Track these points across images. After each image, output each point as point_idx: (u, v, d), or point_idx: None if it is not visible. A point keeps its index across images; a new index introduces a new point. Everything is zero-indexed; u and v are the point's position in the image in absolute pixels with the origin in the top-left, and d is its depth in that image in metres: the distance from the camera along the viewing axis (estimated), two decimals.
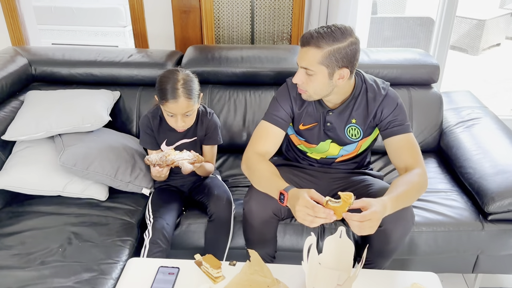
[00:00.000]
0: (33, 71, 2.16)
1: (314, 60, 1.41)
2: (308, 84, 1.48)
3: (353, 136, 1.62)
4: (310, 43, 1.41)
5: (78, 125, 1.86)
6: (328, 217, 1.25)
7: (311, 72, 1.44)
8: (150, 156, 1.61)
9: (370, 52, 2.22)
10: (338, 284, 1.37)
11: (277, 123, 1.60)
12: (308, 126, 1.64)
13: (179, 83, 1.60)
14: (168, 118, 1.67)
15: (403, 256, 1.77)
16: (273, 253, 1.68)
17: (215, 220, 1.68)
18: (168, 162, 1.58)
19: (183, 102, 1.60)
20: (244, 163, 1.58)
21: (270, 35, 2.62)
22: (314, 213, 1.25)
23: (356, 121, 1.60)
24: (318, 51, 1.40)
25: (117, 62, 2.16)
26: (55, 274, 1.44)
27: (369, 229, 1.25)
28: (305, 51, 1.43)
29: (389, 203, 1.31)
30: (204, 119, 1.79)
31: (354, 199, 1.26)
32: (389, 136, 1.55)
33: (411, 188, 1.40)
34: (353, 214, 1.24)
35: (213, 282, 1.37)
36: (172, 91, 1.59)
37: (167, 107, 1.61)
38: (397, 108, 1.55)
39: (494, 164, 1.81)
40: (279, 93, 1.64)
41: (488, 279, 1.98)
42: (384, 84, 1.60)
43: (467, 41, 5.12)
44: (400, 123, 1.54)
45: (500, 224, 1.72)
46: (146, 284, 1.35)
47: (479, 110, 2.23)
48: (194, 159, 1.61)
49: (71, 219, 1.69)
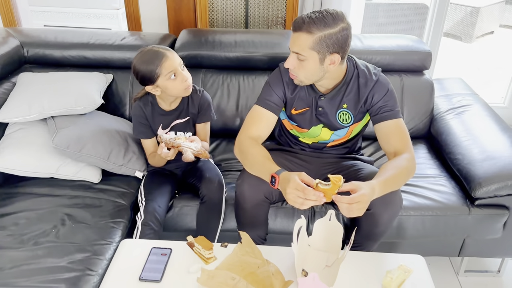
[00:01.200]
0: (25, 53, 2.15)
1: (305, 46, 1.42)
2: (299, 69, 1.49)
3: (344, 121, 1.64)
4: (302, 28, 1.41)
5: (71, 108, 1.86)
6: (318, 199, 1.28)
7: (302, 57, 1.45)
8: (164, 135, 1.62)
9: (364, 38, 2.23)
10: (327, 265, 1.41)
11: (269, 107, 1.61)
12: (300, 111, 1.66)
13: (153, 48, 1.63)
14: (173, 84, 1.62)
15: (391, 239, 1.81)
16: (264, 236, 1.71)
17: (206, 202, 1.70)
18: (174, 144, 1.60)
19: (172, 54, 1.62)
20: (237, 147, 1.59)
21: (264, 20, 2.62)
22: (304, 195, 1.28)
23: (347, 106, 1.61)
24: (309, 37, 1.41)
25: (110, 45, 2.15)
26: (48, 254, 1.46)
27: (358, 211, 1.28)
28: (296, 36, 1.44)
29: (378, 186, 1.34)
30: (195, 97, 1.79)
31: (343, 182, 1.29)
32: (379, 122, 1.57)
33: (399, 173, 1.43)
34: (342, 197, 1.27)
35: (205, 263, 1.40)
36: (156, 54, 1.60)
37: (165, 69, 1.59)
38: (387, 94, 1.57)
39: (482, 150, 1.84)
40: (272, 78, 1.65)
41: (474, 263, 2.03)
42: (376, 69, 1.61)
43: (461, 28, 5.12)
44: (390, 109, 1.56)
45: (486, 209, 1.76)
46: (139, 265, 1.38)
47: (470, 97, 2.25)
48: (200, 152, 1.63)
49: (64, 200, 1.71)
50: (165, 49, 1.63)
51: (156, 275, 1.34)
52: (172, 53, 1.63)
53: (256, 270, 1.32)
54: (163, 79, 1.62)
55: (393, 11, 3.36)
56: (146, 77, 1.61)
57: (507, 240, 1.83)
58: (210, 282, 1.27)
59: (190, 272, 1.36)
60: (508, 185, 1.69)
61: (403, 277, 1.33)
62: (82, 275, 1.39)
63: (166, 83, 1.63)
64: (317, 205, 1.33)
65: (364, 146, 2.12)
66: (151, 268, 1.36)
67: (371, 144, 2.15)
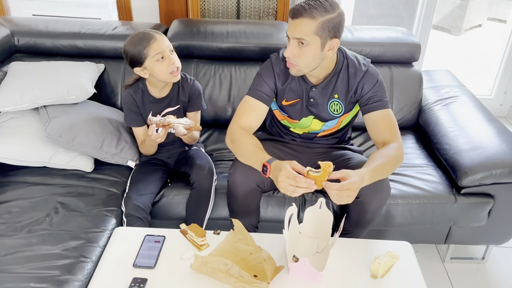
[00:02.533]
0: (16, 42, 2.13)
1: (308, 30, 1.44)
2: (300, 56, 1.50)
3: (335, 111, 1.67)
4: (303, 14, 1.43)
5: (63, 97, 1.87)
6: (309, 187, 1.31)
7: (306, 42, 1.46)
8: (153, 117, 1.64)
9: (354, 30, 2.26)
10: (317, 251, 1.44)
11: (260, 98, 1.63)
12: (290, 102, 1.68)
13: (145, 31, 1.66)
14: (159, 67, 1.64)
15: (379, 227, 1.85)
16: (256, 224, 1.74)
17: (196, 188, 1.73)
18: (164, 123, 1.62)
19: (161, 37, 1.65)
20: (228, 137, 1.61)
21: (256, 10, 2.63)
22: (295, 183, 1.31)
23: (338, 96, 1.64)
24: (312, 21, 1.43)
25: (101, 35, 2.15)
26: (42, 241, 1.47)
27: (347, 198, 1.31)
28: (298, 22, 1.45)
29: (367, 174, 1.37)
30: (186, 85, 1.80)
31: (333, 169, 1.32)
32: (369, 112, 1.60)
33: (388, 161, 1.47)
34: (332, 184, 1.30)
35: (198, 250, 1.42)
36: (146, 36, 1.63)
37: (152, 50, 1.62)
38: (377, 85, 1.60)
39: (468, 140, 1.88)
40: (263, 69, 1.66)
41: (459, 250, 2.08)
42: (365, 60, 1.64)
43: (449, 21, 5.17)
44: (380, 99, 1.59)
45: (472, 198, 1.80)
46: (133, 251, 1.40)
47: (457, 89, 2.29)
48: (191, 126, 1.65)
49: (57, 189, 1.72)
50: (155, 32, 1.67)
51: (150, 261, 1.36)
52: (162, 36, 1.66)
53: (248, 256, 1.35)
54: (151, 61, 1.64)
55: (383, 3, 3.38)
56: (134, 57, 1.64)
57: (491, 228, 1.88)
58: (203, 268, 1.30)
59: (184, 259, 1.38)
60: (493, 174, 1.73)
61: (391, 262, 1.37)
62: (76, 262, 1.41)
63: (153, 65, 1.65)
64: (308, 192, 1.36)
65: (353, 137, 2.15)
66: (145, 255, 1.39)
67: (360, 135, 2.19)
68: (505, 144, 1.83)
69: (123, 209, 1.66)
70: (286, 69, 1.62)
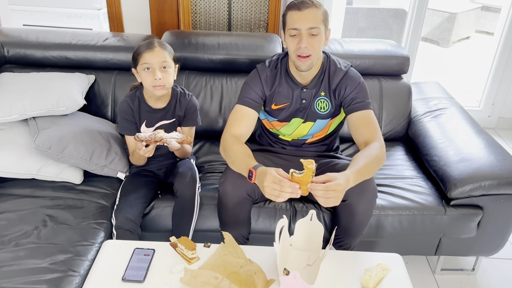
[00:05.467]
0: (5, 53, 2.12)
1: (319, 19, 1.54)
2: (313, 46, 1.56)
3: (322, 109, 1.71)
4: (309, 4, 1.53)
5: (53, 108, 1.85)
6: (294, 191, 1.31)
7: (316, 31, 1.54)
8: (140, 134, 1.62)
9: (344, 42, 2.28)
10: (308, 264, 1.44)
11: (249, 104, 1.67)
12: (280, 106, 1.72)
13: (154, 39, 1.71)
14: (146, 77, 1.67)
15: (370, 238, 1.86)
16: (246, 235, 1.74)
17: (179, 198, 1.72)
18: (156, 139, 1.61)
19: (159, 51, 1.66)
20: (221, 146, 1.64)
21: (247, 23, 2.65)
22: (280, 187, 1.31)
23: (324, 94, 1.70)
24: (318, 10, 1.54)
25: (92, 46, 2.15)
26: (30, 255, 1.45)
27: (334, 200, 1.32)
28: (307, 12, 1.52)
29: (351, 176, 1.39)
30: (183, 100, 1.81)
31: (315, 166, 1.32)
32: (351, 112, 1.65)
33: (371, 161, 1.49)
34: (318, 185, 1.31)
35: (188, 263, 1.41)
36: (147, 44, 1.68)
37: (143, 59, 1.65)
38: (358, 86, 1.66)
39: (457, 152, 1.90)
40: (250, 78, 1.72)
41: (449, 261, 2.09)
42: (346, 63, 1.73)
43: (438, 33, 5.25)
44: (362, 100, 1.65)
45: (461, 209, 1.82)
46: (122, 265, 1.38)
47: (446, 101, 2.32)
48: (183, 139, 1.65)
49: (46, 201, 1.70)
50: (159, 43, 1.69)
51: (139, 275, 1.35)
52: (160, 50, 1.67)
53: (239, 270, 1.35)
54: (140, 67, 1.69)
55: (372, 16, 3.44)
56: (133, 58, 1.71)
57: (481, 239, 1.90)
58: (193, 282, 1.29)
59: (173, 272, 1.37)
60: (482, 186, 1.75)
61: (382, 275, 1.37)
62: (64, 276, 1.39)
63: (141, 72, 1.69)
64: (294, 197, 1.35)
65: (343, 149, 2.16)
66: (134, 268, 1.37)
67: (350, 147, 2.20)
68: (494, 156, 1.85)
69: (113, 222, 1.65)
70: (272, 74, 1.69)
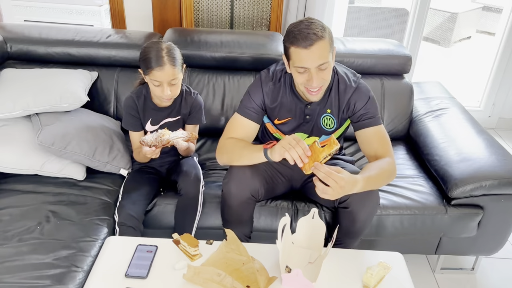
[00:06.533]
0: (8, 49, 2.12)
1: (326, 51, 1.43)
2: (324, 78, 1.49)
3: (328, 126, 1.68)
4: (314, 39, 1.40)
5: (56, 105, 1.86)
6: (303, 155, 1.33)
7: (326, 65, 1.45)
8: (145, 137, 1.63)
9: (346, 42, 2.28)
10: (310, 262, 1.45)
11: (250, 116, 1.64)
12: (283, 121, 1.69)
13: (163, 51, 1.64)
14: (154, 88, 1.68)
15: (370, 237, 1.86)
16: (249, 233, 1.74)
17: (183, 196, 1.73)
18: (163, 142, 1.61)
19: (169, 70, 1.63)
20: (219, 153, 1.63)
21: (250, 20, 2.65)
22: (295, 144, 1.33)
23: (331, 111, 1.65)
24: (323, 41, 1.42)
25: (95, 42, 2.15)
26: (33, 251, 1.45)
27: (331, 192, 1.32)
28: (315, 50, 1.41)
29: (361, 181, 1.40)
30: (188, 98, 1.82)
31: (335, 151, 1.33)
32: (361, 128, 1.61)
33: (381, 173, 1.49)
34: (322, 166, 1.32)
35: (190, 260, 1.42)
36: (157, 59, 1.62)
37: (153, 75, 1.63)
38: (369, 102, 1.61)
39: (458, 152, 1.91)
40: (252, 87, 1.67)
41: (450, 260, 2.10)
42: (355, 76, 1.65)
43: (439, 33, 5.25)
44: (372, 116, 1.60)
45: (462, 209, 1.82)
46: (125, 261, 1.39)
47: (447, 101, 2.33)
48: (189, 137, 1.65)
49: (49, 197, 1.70)
50: (169, 59, 1.63)
51: (142, 271, 1.35)
52: (170, 68, 1.63)
53: (241, 267, 1.35)
54: (148, 79, 1.67)
55: (374, 15, 3.43)
56: (140, 65, 1.68)
57: (481, 238, 1.91)
58: (196, 279, 1.30)
59: (176, 269, 1.38)
60: (482, 185, 1.76)
61: (383, 273, 1.38)
62: (68, 272, 1.40)
63: (150, 83, 1.69)
64: (296, 164, 1.36)
65: (345, 147, 2.17)
66: (137, 264, 1.38)
67: (352, 145, 2.20)
68: (494, 156, 1.86)
69: (116, 218, 1.65)
70: (275, 88, 1.64)
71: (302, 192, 1.82)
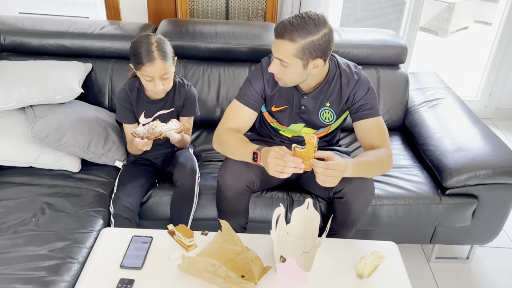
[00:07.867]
0: (2, 41, 2.11)
1: (288, 53, 1.42)
2: (283, 73, 1.50)
3: (326, 119, 1.68)
4: (284, 36, 1.40)
5: (50, 97, 1.85)
6: (297, 166, 1.34)
7: (286, 64, 1.45)
8: (137, 129, 1.62)
9: (342, 32, 2.27)
10: (304, 251, 1.45)
11: (248, 104, 1.63)
12: (280, 108, 1.68)
13: (153, 45, 1.62)
14: (146, 83, 1.67)
15: (365, 227, 1.87)
16: (244, 224, 1.75)
17: (179, 188, 1.73)
18: (156, 134, 1.61)
19: (160, 64, 1.61)
20: (215, 140, 1.63)
21: (245, 11, 2.63)
22: (283, 162, 1.34)
23: (330, 105, 1.64)
24: (292, 45, 1.40)
25: (89, 34, 2.14)
26: (28, 242, 1.46)
27: (332, 179, 1.35)
28: (279, 43, 1.43)
29: (351, 164, 1.41)
30: (182, 90, 1.81)
31: (317, 140, 1.35)
32: (359, 119, 1.61)
33: (375, 161, 1.49)
34: (319, 162, 1.34)
35: (185, 251, 1.42)
36: (147, 54, 1.60)
37: (144, 71, 1.62)
38: (368, 93, 1.60)
39: (453, 142, 1.91)
40: (253, 74, 1.66)
41: (444, 250, 2.11)
42: (357, 68, 1.64)
43: (436, 23, 5.24)
44: (371, 107, 1.60)
45: (456, 198, 1.83)
46: (120, 252, 1.40)
47: (443, 91, 2.32)
48: (181, 128, 1.65)
49: (44, 189, 1.70)
50: (160, 54, 1.61)
51: (137, 262, 1.36)
52: (161, 63, 1.61)
53: (236, 257, 1.36)
54: (140, 74, 1.67)
55: (371, 6, 3.43)
56: (131, 60, 1.66)
57: (475, 228, 1.92)
58: (191, 269, 1.30)
59: (171, 260, 1.38)
60: (477, 175, 1.77)
61: (377, 262, 1.39)
62: (63, 263, 1.41)
63: (141, 78, 1.68)
64: (298, 172, 1.37)
65: (342, 137, 2.17)
66: (132, 255, 1.38)
67: (348, 135, 2.21)
68: (489, 145, 1.87)
69: (111, 210, 1.66)
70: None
71: (297, 183, 1.83)
